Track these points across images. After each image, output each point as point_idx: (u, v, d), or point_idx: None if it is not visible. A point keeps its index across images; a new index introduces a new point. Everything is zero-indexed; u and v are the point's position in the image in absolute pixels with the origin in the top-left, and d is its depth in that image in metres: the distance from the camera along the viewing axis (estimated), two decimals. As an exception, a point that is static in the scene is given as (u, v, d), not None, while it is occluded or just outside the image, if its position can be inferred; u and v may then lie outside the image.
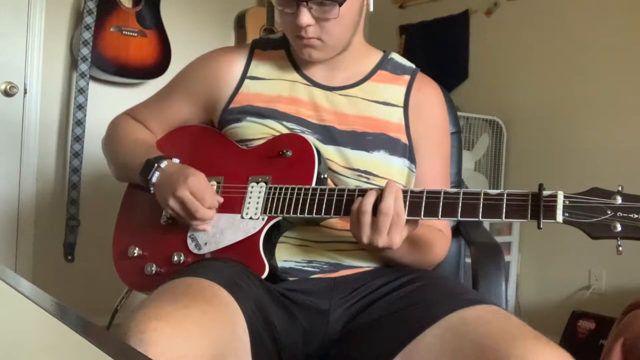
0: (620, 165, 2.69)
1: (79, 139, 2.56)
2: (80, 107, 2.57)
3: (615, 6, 2.78)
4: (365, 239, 0.98)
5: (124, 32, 2.64)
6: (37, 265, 2.62)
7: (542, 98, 3.03)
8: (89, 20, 2.53)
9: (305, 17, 1.05)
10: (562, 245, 2.84)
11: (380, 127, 1.15)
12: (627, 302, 1.70)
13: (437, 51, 3.46)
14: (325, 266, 1.11)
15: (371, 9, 1.13)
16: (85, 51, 2.53)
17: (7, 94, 2.52)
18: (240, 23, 3.19)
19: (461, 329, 0.90)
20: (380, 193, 0.98)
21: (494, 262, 1.28)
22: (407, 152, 1.16)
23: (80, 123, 2.57)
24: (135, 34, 2.67)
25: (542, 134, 3.02)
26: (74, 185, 2.57)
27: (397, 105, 1.18)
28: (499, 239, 2.27)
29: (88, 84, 2.58)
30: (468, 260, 1.41)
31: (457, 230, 1.47)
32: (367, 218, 0.97)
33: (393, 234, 0.97)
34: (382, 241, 0.97)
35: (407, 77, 1.21)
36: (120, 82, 2.76)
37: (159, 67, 2.73)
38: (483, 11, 3.29)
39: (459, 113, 1.75)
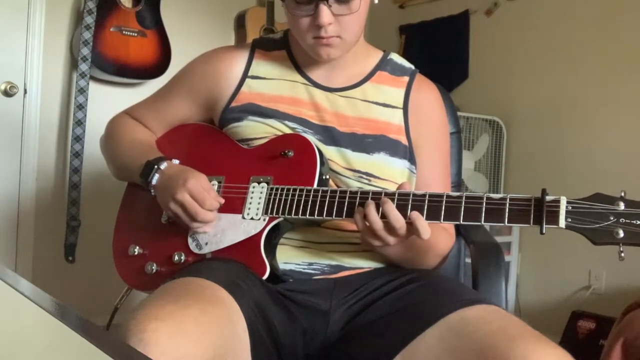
0: (620, 166, 2.69)
1: (79, 139, 2.56)
2: (81, 107, 2.57)
3: (616, 6, 2.78)
4: (379, 245, 1.02)
5: (124, 32, 2.64)
6: (37, 265, 2.62)
7: (542, 98, 3.03)
8: (89, 20, 2.53)
9: (326, 15, 1.04)
10: (562, 245, 2.84)
11: (380, 129, 1.15)
12: (627, 302, 1.71)
13: (437, 51, 3.46)
14: (326, 268, 1.11)
15: (376, 0, 1.13)
16: (85, 51, 2.53)
17: (7, 94, 2.52)
18: (240, 23, 3.19)
19: (461, 329, 0.90)
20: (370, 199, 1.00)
21: (493, 262, 1.28)
22: (408, 153, 1.16)
23: (80, 123, 2.57)
24: (135, 34, 2.67)
25: (542, 134, 3.02)
26: (74, 185, 2.57)
27: (396, 107, 1.18)
28: (499, 239, 2.27)
29: (88, 84, 2.58)
30: (468, 260, 1.41)
31: (457, 230, 1.47)
32: (382, 233, 0.98)
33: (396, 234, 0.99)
34: (393, 241, 1.00)
35: (406, 79, 1.21)
36: (121, 82, 2.76)
37: (159, 67, 2.73)
38: (483, 11, 3.29)
39: (459, 113, 1.75)
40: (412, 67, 1.24)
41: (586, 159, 2.82)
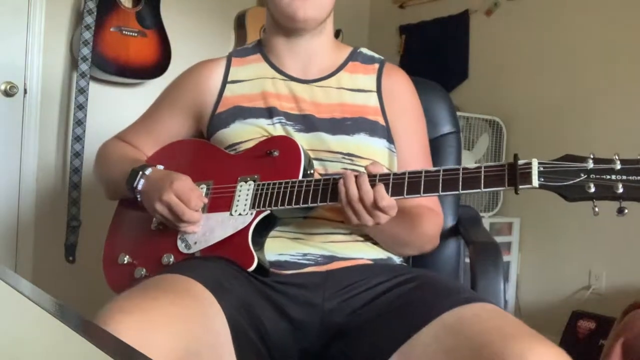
0: (620, 165, 2.69)
1: (79, 139, 2.56)
2: (81, 107, 2.57)
3: (616, 6, 2.78)
4: (369, 222, 1.01)
5: (124, 32, 2.65)
6: (38, 265, 2.62)
7: (542, 98, 3.03)
8: (89, 20, 2.53)
9: None
10: (562, 245, 2.84)
11: (358, 111, 1.21)
12: (627, 302, 1.70)
13: (437, 51, 3.46)
14: (320, 259, 1.12)
15: None
16: (86, 51, 2.53)
17: (7, 94, 2.52)
18: (240, 23, 3.19)
19: (457, 328, 0.91)
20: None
21: (492, 262, 1.28)
22: (386, 133, 1.21)
23: (80, 123, 2.56)
24: (136, 34, 2.67)
25: (542, 134, 3.02)
26: (75, 185, 2.57)
27: (371, 91, 1.24)
28: (499, 239, 2.27)
29: (88, 84, 2.58)
30: (468, 260, 1.42)
31: (456, 230, 1.48)
32: (358, 206, 1.00)
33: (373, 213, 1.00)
34: (370, 221, 1.01)
35: (377, 66, 1.28)
36: (121, 82, 2.76)
37: (159, 67, 2.73)
38: (483, 11, 3.29)
39: (458, 113, 1.75)
40: (382, 57, 1.31)
41: (586, 158, 2.82)
